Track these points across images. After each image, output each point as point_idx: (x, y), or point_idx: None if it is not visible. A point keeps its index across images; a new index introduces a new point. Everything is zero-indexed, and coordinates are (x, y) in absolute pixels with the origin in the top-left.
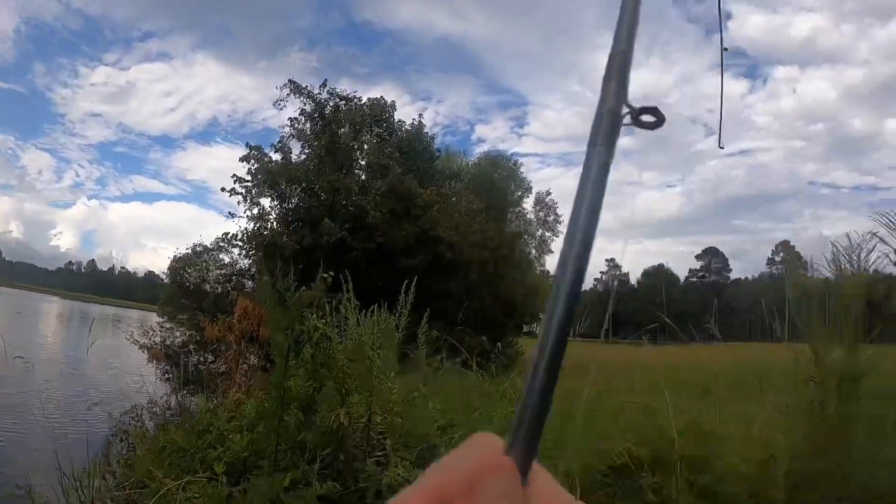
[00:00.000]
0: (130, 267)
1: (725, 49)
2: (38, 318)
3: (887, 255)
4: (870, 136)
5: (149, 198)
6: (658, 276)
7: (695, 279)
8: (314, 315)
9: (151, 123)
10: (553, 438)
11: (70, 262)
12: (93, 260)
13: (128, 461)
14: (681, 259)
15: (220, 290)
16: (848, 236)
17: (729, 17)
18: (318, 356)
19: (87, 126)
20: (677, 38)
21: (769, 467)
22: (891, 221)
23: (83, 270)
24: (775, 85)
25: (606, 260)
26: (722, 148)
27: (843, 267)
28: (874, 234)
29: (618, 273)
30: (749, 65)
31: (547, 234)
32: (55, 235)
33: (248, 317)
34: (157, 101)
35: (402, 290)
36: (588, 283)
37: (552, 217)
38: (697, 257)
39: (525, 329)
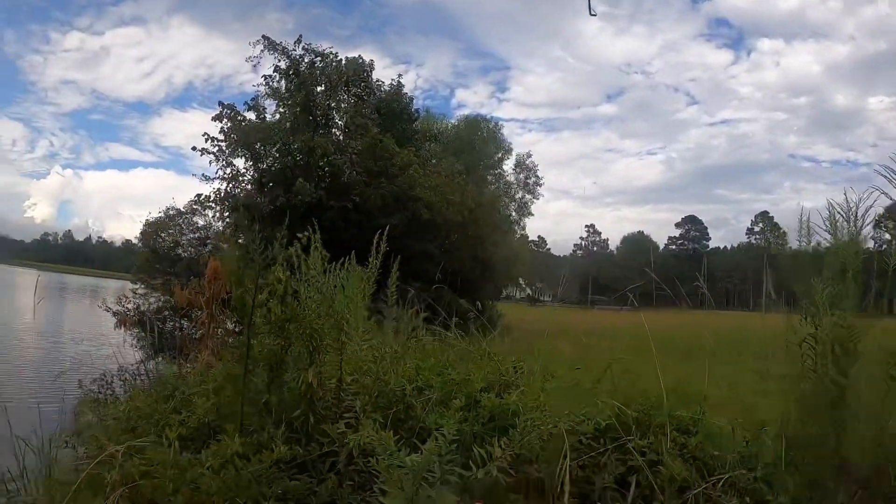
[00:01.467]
0: (107, 236)
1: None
2: (11, 291)
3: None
4: (852, 112)
5: (125, 165)
6: (637, 242)
7: (674, 247)
8: (280, 269)
9: (126, 89)
10: (538, 399)
11: (46, 234)
12: (69, 230)
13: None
14: (660, 226)
15: (194, 253)
16: (830, 202)
17: None
18: (285, 312)
19: (61, 94)
20: (662, 6)
21: (759, 431)
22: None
23: (59, 242)
24: (759, 57)
25: (586, 226)
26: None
27: (839, 231)
28: (876, 188)
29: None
30: (734, 36)
31: (527, 196)
32: (30, 207)
33: (220, 279)
34: (132, 66)
35: (374, 242)
36: (567, 249)
37: (532, 179)
38: (677, 225)
39: (503, 293)
